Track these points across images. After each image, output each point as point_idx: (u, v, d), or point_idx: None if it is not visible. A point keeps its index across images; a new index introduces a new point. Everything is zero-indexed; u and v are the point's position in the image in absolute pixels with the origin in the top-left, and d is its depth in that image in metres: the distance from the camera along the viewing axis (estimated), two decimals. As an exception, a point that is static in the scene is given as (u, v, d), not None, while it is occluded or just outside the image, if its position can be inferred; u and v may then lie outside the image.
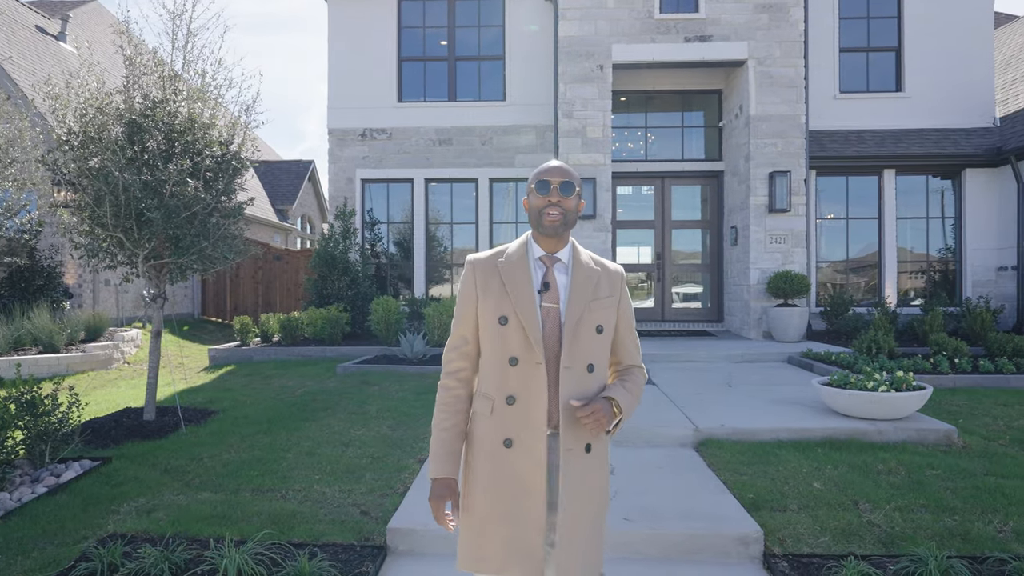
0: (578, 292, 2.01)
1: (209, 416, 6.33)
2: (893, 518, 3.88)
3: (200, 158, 5.94)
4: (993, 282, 11.44)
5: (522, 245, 2.10)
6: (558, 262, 2.06)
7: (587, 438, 1.99)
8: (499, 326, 1.98)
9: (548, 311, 1.99)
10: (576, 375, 1.97)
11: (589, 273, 2.05)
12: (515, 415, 1.96)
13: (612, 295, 2.07)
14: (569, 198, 2.01)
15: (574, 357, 1.97)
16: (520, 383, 1.96)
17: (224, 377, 8.66)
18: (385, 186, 12.89)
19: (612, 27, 10.85)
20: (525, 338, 1.96)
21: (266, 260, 15.34)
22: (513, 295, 1.99)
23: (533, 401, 1.95)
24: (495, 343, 2.00)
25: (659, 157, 12.60)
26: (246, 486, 4.48)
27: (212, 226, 6.14)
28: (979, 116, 11.82)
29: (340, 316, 10.38)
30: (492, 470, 1.99)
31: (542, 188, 2.01)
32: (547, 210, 2.00)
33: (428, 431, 5.65)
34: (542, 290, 2.01)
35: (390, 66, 12.67)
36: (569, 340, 1.96)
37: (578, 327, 1.98)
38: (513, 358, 1.96)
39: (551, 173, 2.02)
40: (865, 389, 5.46)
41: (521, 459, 1.95)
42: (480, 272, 2.06)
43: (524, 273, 2.02)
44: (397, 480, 4.57)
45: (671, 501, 4.08)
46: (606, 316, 2.05)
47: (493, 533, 1.97)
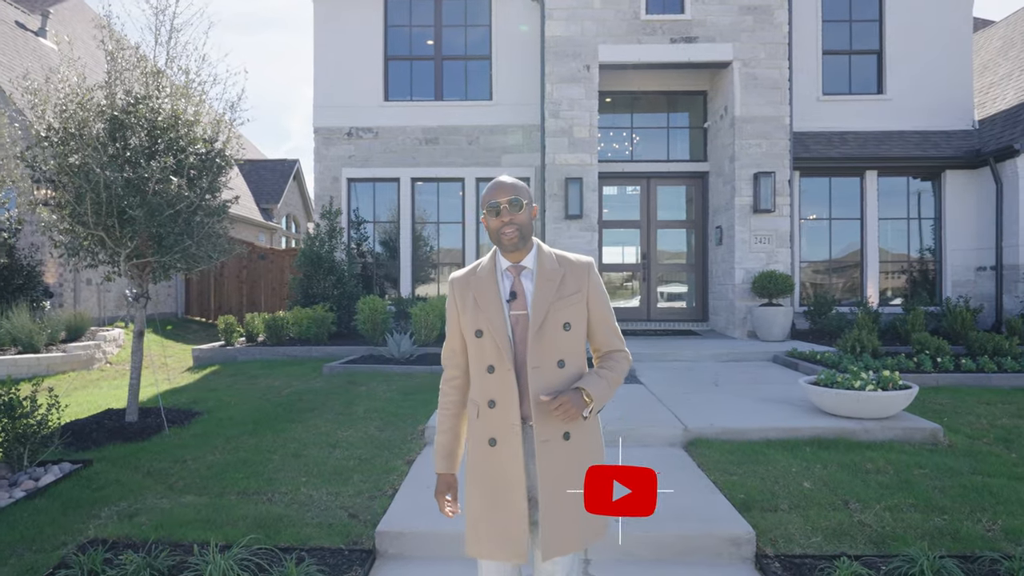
0: (541, 295, 2.13)
1: (193, 417, 6.23)
2: (883, 518, 3.89)
3: (184, 155, 5.84)
4: (972, 282, 11.58)
5: (491, 259, 2.24)
6: (524, 270, 2.19)
7: (563, 427, 2.14)
8: (476, 339, 2.16)
9: (517, 318, 2.14)
10: (545, 373, 2.11)
11: (551, 274, 2.17)
12: (495, 417, 2.13)
13: (579, 290, 2.17)
14: (520, 213, 2.14)
15: (541, 357, 2.11)
16: (497, 388, 2.12)
17: (208, 377, 8.54)
18: (371, 185, 12.80)
19: (598, 28, 10.85)
20: (496, 348, 2.11)
21: (251, 259, 15.19)
22: (484, 309, 2.14)
23: (507, 403, 2.11)
24: (475, 354, 2.19)
25: (645, 158, 12.62)
26: (231, 489, 4.41)
27: (196, 224, 6.04)
28: (959, 119, 11.96)
29: (326, 316, 10.29)
30: (482, 467, 2.18)
31: (492, 211, 2.14)
32: (502, 230, 2.13)
33: (416, 432, 5.63)
34: (510, 299, 2.16)
35: (376, 65, 12.58)
36: (534, 341, 2.10)
37: (543, 328, 2.11)
38: (490, 366, 2.14)
39: (497, 194, 2.14)
40: (852, 388, 5.49)
41: (502, 455, 2.13)
42: (458, 290, 2.24)
43: (492, 287, 2.17)
44: (385, 482, 4.52)
45: (662, 502, 4.04)
46: (573, 312, 2.16)
47: (485, 523, 2.16)
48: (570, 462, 2.14)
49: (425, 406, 6.44)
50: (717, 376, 7.76)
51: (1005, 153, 10.60)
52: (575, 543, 2.16)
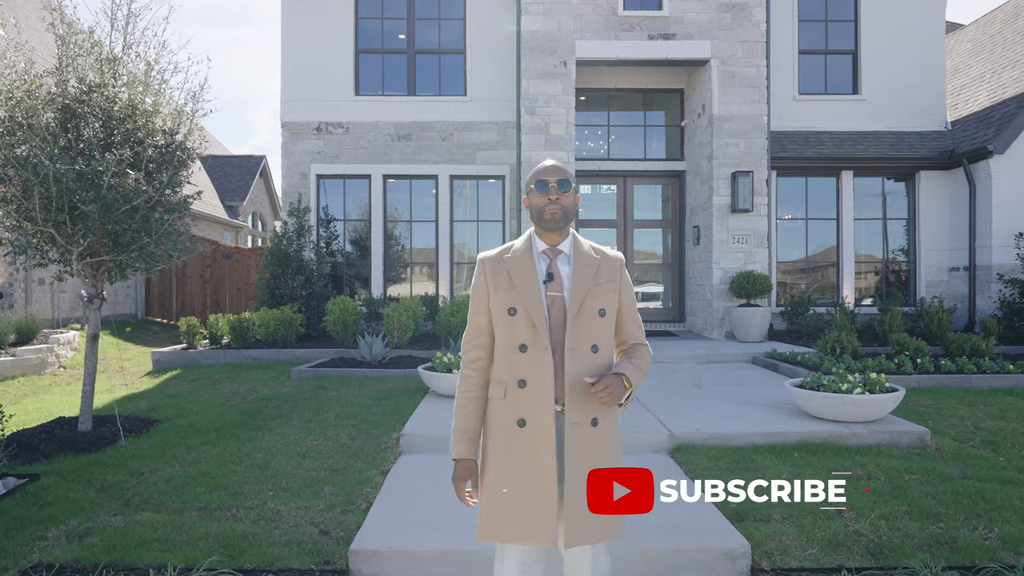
0: (580, 280, 2.18)
1: (152, 426, 5.88)
2: (879, 527, 3.76)
3: (142, 148, 5.49)
4: (946, 282, 11.68)
5: (526, 241, 2.28)
6: (560, 254, 2.24)
7: (593, 412, 2.16)
8: (508, 317, 2.17)
9: (553, 299, 2.18)
10: (580, 356, 2.14)
11: (589, 261, 2.22)
12: (526, 397, 2.13)
13: (612, 280, 2.24)
14: (566, 194, 2.20)
15: (578, 339, 2.14)
16: (530, 367, 2.13)
17: (169, 382, 8.15)
18: (341, 182, 12.44)
19: (575, 23, 10.67)
20: (532, 326, 2.13)
21: (215, 258, 14.70)
22: (520, 288, 2.17)
23: (542, 383, 2.12)
24: (505, 332, 2.18)
25: (621, 156, 12.49)
26: (192, 504, 4.11)
27: (155, 221, 5.69)
28: (932, 120, 12.06)
29: (294, 317, 9.93)
30: (507, 448, 2.16)
31: (541, 187, 2.19)
32: (547, 207, 2.18)
33: (391, 440, 5.36)
34: (547, 280, 2.19)
35: (347, 58, 12.23)
36: (573, 324, 2.14)
37: (581, 312, 2.15)
38: (523, 345, 2.14)
39: (548, 173, 2.20)
40: (839, 391, 5.38)
41: (533, 437, 2.12)
42: (489, 268, 2.24)
43: (529, 267, 2.20)
44: (359, 495, 4.26)
45: (653, 514, 3.87)
46: (608, 300, 2.21)
47: (510, 505, 2.13)
48: (595, 448, 2.16)
49: (399, 412, 6.17)
50: (699, 378, 7.63)
51: (978, 154, 10.69)
52: (596, 533, 2.15)
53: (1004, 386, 7.11)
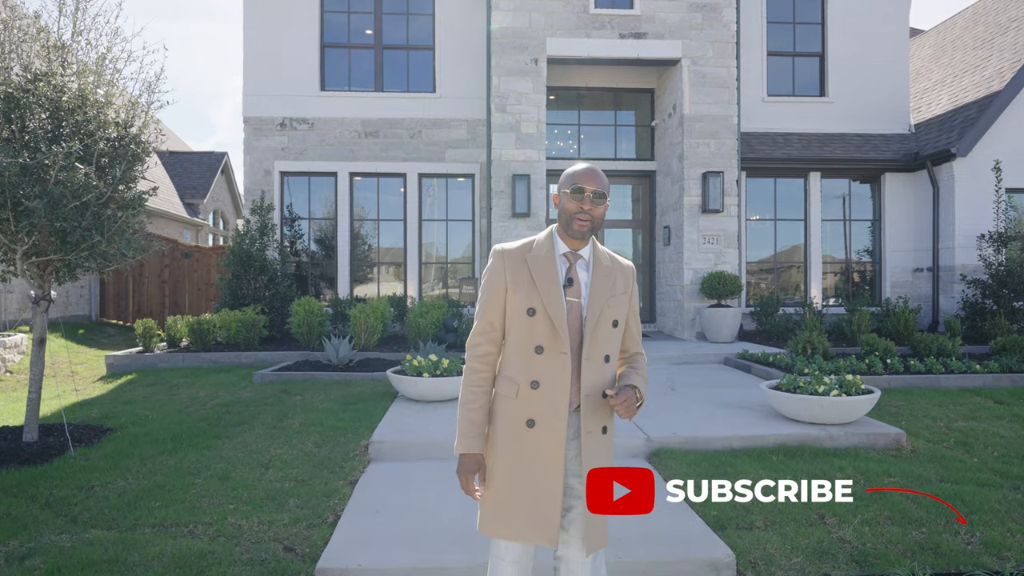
0: (599, 289, 2.16)
1: (104, 435, 5.55)
2: (863, 533, 3.69)
3: (92, 140, 5.17)
4: (910, 283, 11.85)
5: (548, 239, 2.23)
6: (580, 259, 2.21)
7: (604, 421, 2.18)
8: (527, 316, 2.12)
9: (571, 305, 2.15)
10: (595, 365, 2.14)
11: (607, 271, 2.20)
12: (538, 398, 2.11)
13: (626, 291, 2.23)
14: (599, 207, 2.15)
15: (594, 349, 2.13)
16: (545, 370, 2.11)
17: (124, 388, 7.78)
18: (306, 179, 12.10)
19: (547, 20, 10.54)
20: (552, 329, 2.10)
21: (174, 257, 14.19)
22: (541, 288, 2.12)
23: (557, 387, 2.10)
24: (522, 332, 2.14)
25: (591, 156, 12.40)
26: (146, 520, 3.84)
27: (107, 219, 5.37)
28: (896, 123, 12.23)
29: (257, 319, 9.59)
30: (515, 447, 2.14)
31: (576, 194, 2.14)
32: (578, 216, 2.13)
33: (359, 448, 5.14)
34: (566, 285, 2.16)
35: (312, 52, 11.91)
36: (590, 334, 2.12)
37: (598, 322, 2.14)
38: (539, 347, 2.11)
39: (587, 180, 2.14)
40: (816, 393, 5.33)
41: (543, 438, 2.11)
42: (510, 263, 2.18)
43: (551, 268, 2.16)
44: (326, 507, 4.04)
45: (633, 523, 3.74)
46: (621, 311, 2.21)
47: (514, 503, 2.12)
48: (602, 456, 2.19)
49: (367, 417, 5.95)
50: (672, 380, 7.56)
51: (942, 157, 10.86)
52: (605, 538, 2.20)
53: (972, 386, 7.18)
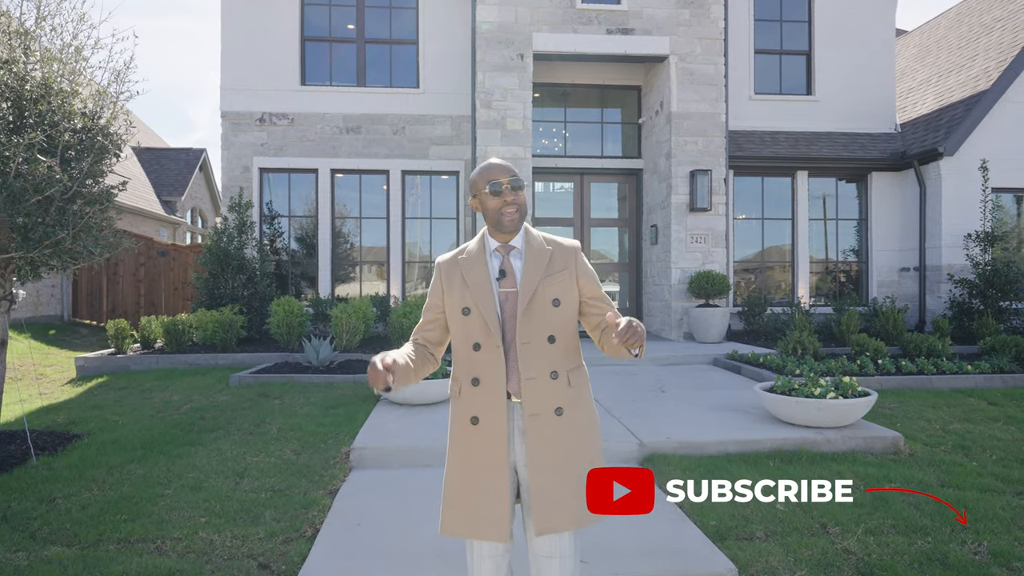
0: (529, 271, 2.16)
1: (70, 442, 5.27)
2: (867, 543, 3.53)
3: (56, 131, 4.90)
4: (896, 282, 11.82)
5: (480, 241, 2.26)
6: (513, 249, 2.22)
7: (557, 402, 2.13)
8: (463, 317, 2.16)
9: (507, 295, 2.16)
10: (535, 348, 2.11)
11: (540, 253, 2.19)
12: (479, 394, 2.13)
13: (566, 268, 2.19)
14: (520, 193, 2.17)
15: (531, 332, 2.12)
16: (483, 365, 2.13)
17: (93, 391, 7.47)
18: (286, 176, 11.80)
19: (533, 15, 10.34)
20: (484, 325, 2.13)
21: (150, 256, 13.82)
22: (472, 288, 2.16)
23: (494, 380, 2.11)
24: (461, 332, 2.18)
25: (577, 153, 12.22)
26: (111, 536, 3.60)
27: (73, 214, 5.08)
28: (883, 122, 12.19)
29: (235, 319, 9.29)
30: (463, 445, 2.16)
31: (495, 189, 2.14)
32: (504, 210, 2.15)
33: (340, 455, 4.90)
34: (500, 277, 2.18)
35: (292, 45, 11.61)
36: (523, 317, 2.12)
37: (532, 303, 2.12)
38: (476, 344, 2.14)
39: (498, 172, 2.16)
40: (812, 396, 5.19)
41: (485, 434, 2.12)
42: (444, 271, 2.25)
43: (481, 266, 2.19)
44: (304, 519, 3.82)
45: (628, 535, 3.57)
46: (561, 288, 2.17)
47: (465, 502, 2.13)
48: (563, 437, 2.13)
49: (350, 422, 5.72)
50: (661, 381, 7.40)
51: (929, 156, 10.83)
52: (568, 520, 2.10)
53: (964, 387, 7.10)
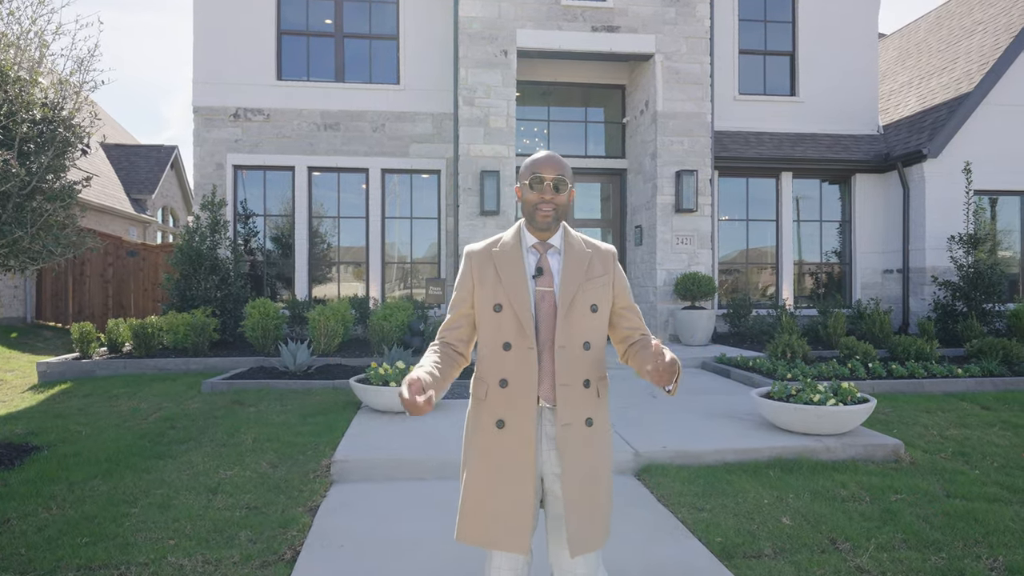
0: (570, 274, 2.06)
1: (28, 455, 4.92)
2: (880, 560, 3.36)
3: (13, 122, 4.57)
4: (880, 284, 11.80)
5: (515, 234, 2.14)
6: (551, 248, 2.12)
7: (588, 412, 2.04)
8: (494, 313, 2.05)
9: (543, 295, 2.06)
10: (571, 353, 2.02)
11: (580, 255, 2.11)
12: (507, 398, 2.02)
13: (605, 273, 2.12)
14: (561, 194, 2.07)
15: (569, 336, 2.03)
16: (513, 367, 2.01)
17: (56, 398, 7.08)
18: (262, 173, 11.44)
19: (517, 11, 10.13)
20: (518, 324, 2.02)
21: (118, 256, 13.32)
22: (506, 283, 2.05)
23: (524, 383, 2.00)
24: (490, 330, 2.06)
25: (560, 153, 12.00)
26: (69, 561, 3.30)
27: (32, 211, 4.77)
28: (866, 124, 12.18)
29: (207, 322, 8.93)
30: (486, 450, 2.05)
31: (536, 184, 2.05)
32: (540, 206, 2.05)
33: (320, 468, 4.62)
34: (536, 275, 2.08)
35: (268, 39, 11.25)
36: (563, 320, 2.02)
37: (572, 307, 2.04)
38: (507, 343, 2.03)
39: (545, 168, 2.05)
40: (811, 403, 5.03)
41: (512, 439, 2.01)
42: (476, 262, 2.12)
43: (517, 261, 2.08)
44: (282, 540, 3.54)
45: (630, 552, 3.36)
46: (600, 295, 2.10)
47: (488, 508, 2.02)
48: (592, 450, 2.05)
49: (330, 431, 5.44)
50: (652, 386, 7.22)
51: (912, 158, 10.81)
52: (599, 539, 2.03)
53: (956, 391, 7.02)
